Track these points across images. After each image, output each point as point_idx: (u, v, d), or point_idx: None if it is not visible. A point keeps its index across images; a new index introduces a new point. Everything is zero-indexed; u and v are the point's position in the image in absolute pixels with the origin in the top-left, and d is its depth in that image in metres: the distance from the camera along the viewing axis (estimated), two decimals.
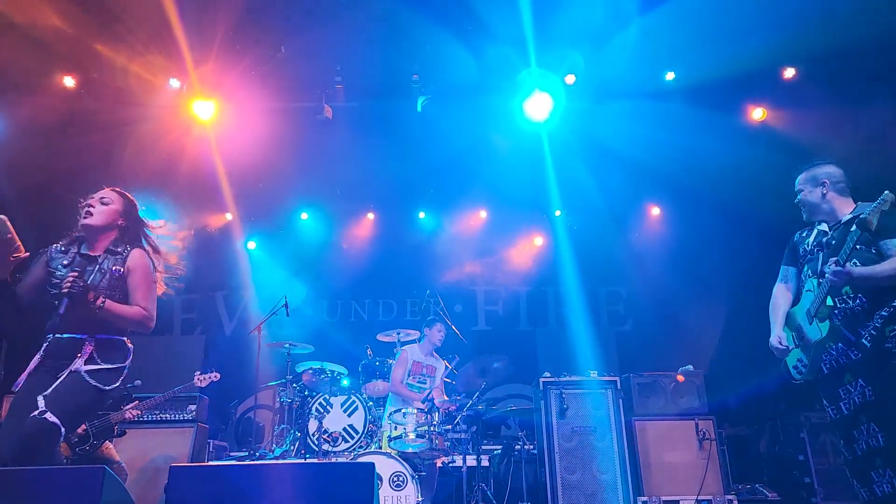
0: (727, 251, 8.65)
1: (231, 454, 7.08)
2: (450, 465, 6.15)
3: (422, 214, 9.94)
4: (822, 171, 3.67)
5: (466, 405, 5.91)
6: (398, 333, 6.94)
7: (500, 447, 6.75)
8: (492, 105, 7.59)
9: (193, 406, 6.16)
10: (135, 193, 3.92)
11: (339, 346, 8.18)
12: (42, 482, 2.55)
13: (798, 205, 3.78)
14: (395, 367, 6.50)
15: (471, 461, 5.73)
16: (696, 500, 5.79)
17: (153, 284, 3.74)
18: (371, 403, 6.30)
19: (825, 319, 3.40)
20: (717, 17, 6.33)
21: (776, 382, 6.26)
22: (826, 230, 3.63)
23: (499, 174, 8.28)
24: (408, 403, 5.94)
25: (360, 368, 6.96)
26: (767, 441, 7.23)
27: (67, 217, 3.80)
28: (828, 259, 3.42)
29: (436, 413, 5.55)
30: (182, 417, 6.19)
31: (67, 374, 3.41)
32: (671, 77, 7.33)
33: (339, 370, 6.98)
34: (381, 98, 7.74)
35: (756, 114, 7.77)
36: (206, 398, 6.47)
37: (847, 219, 3.52)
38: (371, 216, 9.93)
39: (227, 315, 9.90)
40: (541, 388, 6.07)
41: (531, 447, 6.32)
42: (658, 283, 9.16)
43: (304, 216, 9.83)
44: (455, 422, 5.79)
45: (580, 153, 8.08)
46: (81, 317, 3.43)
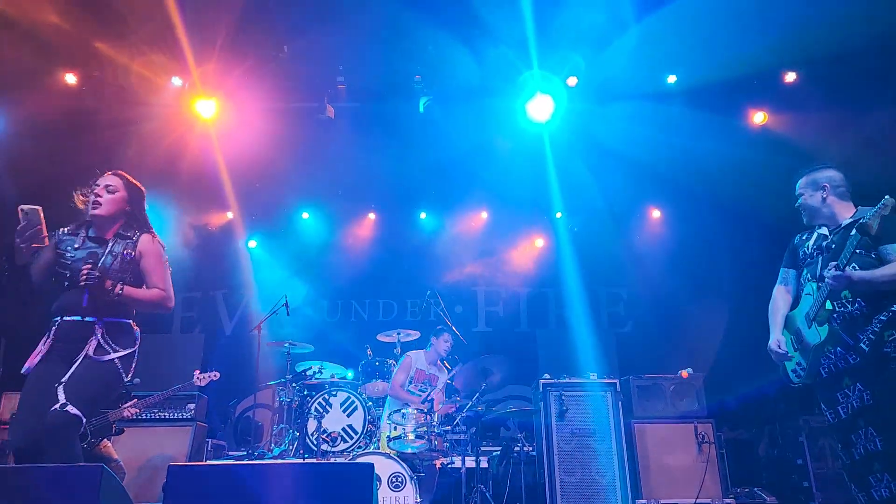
0: (728, 254, 8.64)
1: (230, 453, 7.08)
2: (449, 467, 6.15)
3: (423, 215, 9.95)
4: (823, 176, 3.67)
5: (466, 406, 5.91)
6: (398, 334, 6.93)
7: (500, 448, 6.74)
8: (493, 106, 7.59)
9: (192, 405, 6.16)
10: None
11: (339, 346, 8.18)
12: (40, 480, 2.55)
13: (798, 208, 3.79)
14: (398, 372, 6.47)
15: (470, 462, 5.72)
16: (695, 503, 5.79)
17: (166, 266, 3.83)
18: (370, 404, 6.28)
19: (824, 323, 3.40)
20: (719, 21, 6.33)
21: (776, 386, 6.25)
22: (826, 234, 3.63)
23: (500, 175, 8.28)
24: (407, 404, 5.93)
25: (360, 368, 6.96)
26: (766, 445, 7.21)
27: (69, 215, 3.83)
28: (827, 263, 3.42)
29: (435, 414, 5.55)
30: (181, 416, 6.19)
31: (82, 360, 3.45)
32: (672, 80, 7.35)
33: (339, 371, 6.99)
34: (384, 98, 7.76)
35: (757, 117, 7.78)
36: (206, 397, 6.47)
37: (847, 223, 3.52)
38: (372, 216, 9.93)
39: (228, 314, 9.89)
40: (540, 390, 6.08)
41: (530, 449, 6.32)
42: (659, 286, 9.15)
43: (306, 216, 9.84)
44: (454, 423, 5.80)
45: (581, 155, 8.09)
46: (90, 300, 3.49)
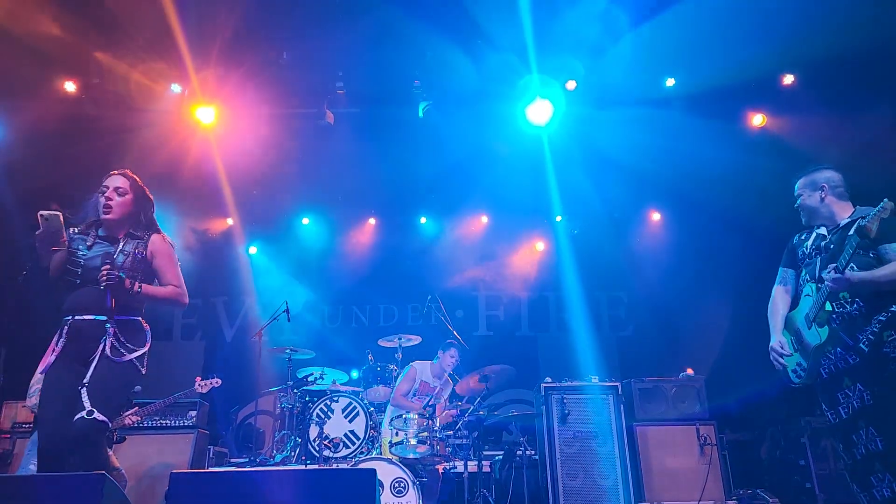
0: (728, 256, 8.64)
1: (231, 460, 7.05)
2: (451, 471, 6.14)
3: (423, 220, 9.95)
4: (821, 176, 3.69)
5: (468, 411, 5.90)
6: (399, 339, 6.92)
7: (502, 453, 6.72)
8: (492, 111, 7.61)
9: (194, 412, 6.14)
10: None
11: (340, 352, 8.18)
12: (42, 488, 2.55)
13: (797, 209, 3.80)
14: (402, 382, 6.44)
15: (472, 467, 5.71)
16: None
17: (178, 264, 3.91)
18: (372, 409, 6.28)
19: (824, 325, 3.40)
20: (717, 24, 6.34)
21: (777, 387, 6.24)
22: (825, 234, 3.64)
23: (500, 179, 8.28)
24: (409, 410, 5.92)
25: (361, 373, 6.95)
26: (768, 446, 7.20)
27: (71, 215, 3.87)
28: (826, 264, 3.43)
29: (437, 419, 5.54)
30: (182, 423, 6.17)
31: (100, 360, 3.49)
32: (671, 83, 7.37)
33: (341, 376, 6.97)
34: (383, 103, 7.76)
35: (756, 120, 7.80)
36: (207, 404, 6.46)
37: (845, 222, 3.54)
38: (372, 221, 9.94)
39: (228, 320, 9.89)
40: (542, 394, 6.06)
41: (532, 453, 6.30)
42: (659, 288, 9.15)
43: (306, 221, 9.84)
44: (456, 427, 5.79)
45: (581, 159, 8.09)
46: (100, 298, 3.54)
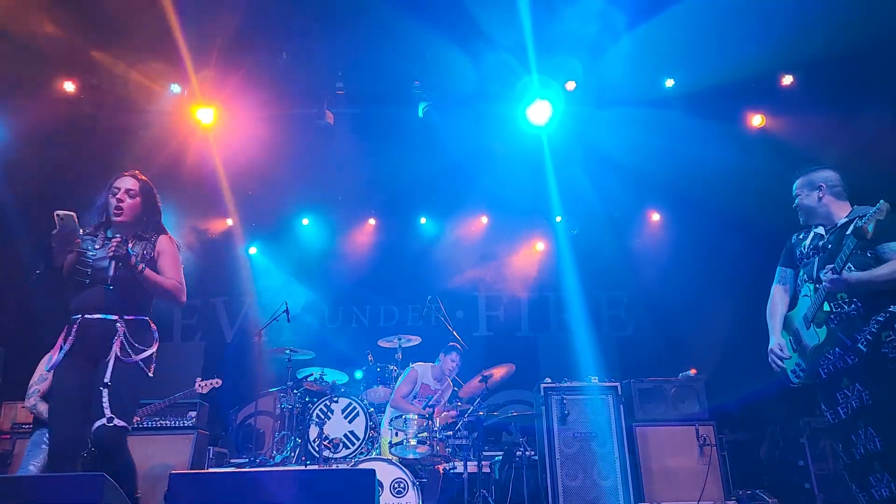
0: (727, 256, 8.64)
1: (231, 461, 7.06)
2: (451, 472, 6.14)
3: (423, 220, 9.95)
4: (819, 176, 3.69)
5: (467, 411, 5.90)
6: (399, 339, 6.93)
7: (502, 453, 6.72)
8: (492, 111, 7.61)
9: (194, 413, 6.14)
10: None
11: (340, 352, 8.17)
12: (42, 488, 2.56)
13: (795, 209, 3.80)
14: (402, 384, 6.43)
15: (472, 467, 5.71)
16: None
17: (181, 264, 3.95)
18: (372, 409, 6.28)
19: (822, 325, 3.40)
20: (716, 25, 6.35)
21: (776, 388, 6.21)
22: (822, 233, 3.64)
23: (500, 180, 8.29)
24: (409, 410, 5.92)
25: (362, 374, 6.95)
26: (768, 446, 7.21)
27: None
28: (823, 264, 3.44)
29: (436, 420, 5.54)
30: (182, 424, 6.16)
31: (115, 362, 3.50)
32: (670, 84, 7.37)
33: (341, 377, 6.97)
34: (383, 104, 7.77)
35: (755, 120, 7.80)
36: (207, 405, 6.46)
37: (843, 222, 3.54)
38: (372, 222, 9.94)
39: (228, 321, 9.89)
40: (542, 394, 6.06)
41: (532, 453, 6.30)
42: (659, 288, 9.15)
43: (306, 222, 9.84)
44: (456, 428, 5.79)
45: (581, 159, 8.10)
46: (110, 297, 3.53)
